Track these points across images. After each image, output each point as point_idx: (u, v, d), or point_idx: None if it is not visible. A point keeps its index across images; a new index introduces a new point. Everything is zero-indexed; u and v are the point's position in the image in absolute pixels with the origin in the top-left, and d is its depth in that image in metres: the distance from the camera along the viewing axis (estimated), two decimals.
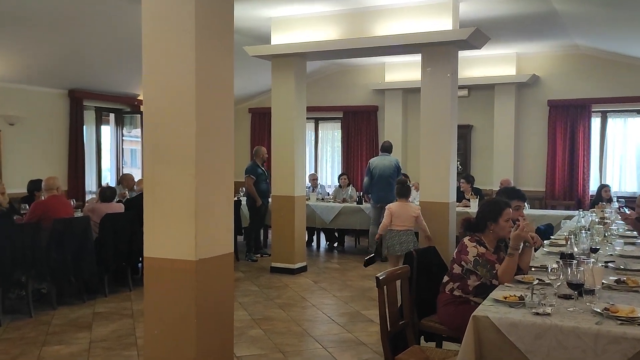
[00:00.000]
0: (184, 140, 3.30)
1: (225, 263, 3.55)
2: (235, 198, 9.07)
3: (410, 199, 8.64)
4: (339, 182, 10.31)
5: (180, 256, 3.32)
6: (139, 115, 10.96)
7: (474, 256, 3.66)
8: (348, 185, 10.13)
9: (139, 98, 10.87)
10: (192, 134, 3.27)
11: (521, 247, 3.68)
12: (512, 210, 4.26)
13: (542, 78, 10.56)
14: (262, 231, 9.65)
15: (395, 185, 8.59)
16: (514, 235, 3.58)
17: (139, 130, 11.30)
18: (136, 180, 8.63)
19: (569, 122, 10.32)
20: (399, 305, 3.71)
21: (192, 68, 3.26)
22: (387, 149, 9.00)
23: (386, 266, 7.95)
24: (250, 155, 9.70)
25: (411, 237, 6.85)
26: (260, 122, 12.84)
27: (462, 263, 3.71)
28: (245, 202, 9.14)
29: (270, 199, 8.80)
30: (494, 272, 3.58)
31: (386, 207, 7.11)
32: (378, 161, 8.91)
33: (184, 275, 3.31)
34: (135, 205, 6.90)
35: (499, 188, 8.08)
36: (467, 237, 3.79)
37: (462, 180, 9.21)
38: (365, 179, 9.03)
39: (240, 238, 9.62)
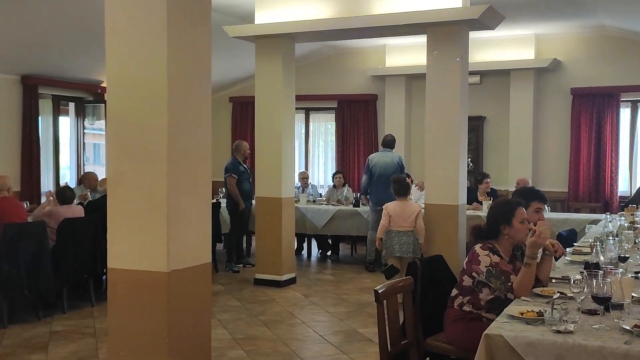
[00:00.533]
0: (154, 133, 3.29)
1: (202, 275, 3.54)
2: (214, 200, 9.05)
3: (414, 198, 8.67)
4: (333, 181, 10.32)
5: (150, 267, 3.30)
6: (103, 104, 10.91)
7: (486, 266, 3.67)
8: (343, 185, 10.14)
9: (102, 85, 10.83)
10: (163, 126, 3.26)
11: (540, 255, 3.69)
12: (532, 213, 4.28)
13: (565, 63, 10.61)
14: (244, 238, 9.63)
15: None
16: (529, 243, 3.59)
17: (102, 122, 11.25)
18: (100, 179, 8.59)
19: (594, 113, 10.37)
20: (401, 322, 3.72)
21: (163, 50, 3.25)
22: (389, 144, 9.01)
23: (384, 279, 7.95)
24: (231, 150, 9.69)
25: (412, 239, 7.05)
26: (243, 112, 12.81)
27: (473, 274, 3.72)
28: (225, 205, 9.13)
29: (253, 201, 8.79)
30: (509, 284, 3.60)
31: (383, 207, 7.21)
32: (378, 158, 8.92)
33: (155, 289, 3.30)
34: (98, 209, 6.87)
35: (515, 188, 8.11)
36: (479, 245, 3.80)
37: (487, 180, 9.23)
38: (364, 178, 9.03)
39: (220, 246, 9.60)
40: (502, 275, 3.63)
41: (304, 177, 10.62)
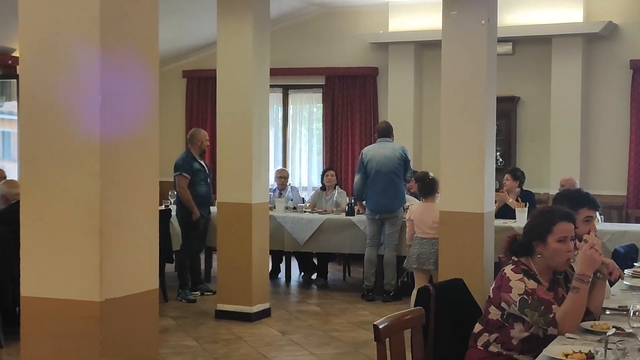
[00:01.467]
0: (82, 120, 3.27)
1: (147, 305, 3.53)
2: (162, 206, 9.03)
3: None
4: (322, 182, 10.31)
5: (77, 295, 3.29)
6: (15, 80, 10.85)
7: (519, 294, 3.68)
8: (335, 186, 10.13)
9: (14, 55, 10.77)
10: (94, 111, 3.25)
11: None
12: (581, 223, 4.30)
13: (622, 27, 10.66)
14: (202, 256, 9.60)
15: (401, 185, 8.76)
16: (580, 257, 3.61)
17: (14, 103, 11.18)
18: (7, 180, 8.53)
19: None
20: None
21: (94, 10, 3.23)
22: (386, 132, 9.03)
23: (390, 308, 7.98)
24: (185, 142, 9.66)
25: (436, 248, 7.45)
26: (201, 91, 12.79)
27: (503, 304, 3.74)
28: (175, 213, 9.09)
29: (213, 208, 8.77)
30: (551, 316, 3.61)
31: (407, 210, 7.56)
32: (375, 151, 8.94)
33: (84, 324, 3.28)
34: (9, 220, 6.83)
35: (558, 191, 8.16)
36: (510, 266, 3.81)
37: (507, 177, 9.27)
38: (357, 178, 9.03)
39: (171, 267, 9.58)
40: (540, 305, 3.64)
41: (282, 177, 10.60)
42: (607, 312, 3.89)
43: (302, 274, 10.44)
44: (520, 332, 3.73)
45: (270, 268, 9.51)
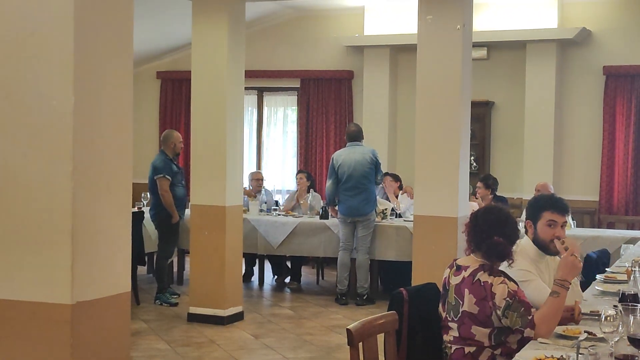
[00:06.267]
0: (55, 119, 3.24)
1: (119, 308, 3.50)
2: (135, 208, 8.98)
3: (403, 208, 8.79)
4: (296, 184, 10.30)
5: (48, 298, 3.26)
6: None
7: (504, 298, 3.66)
8: (309, 189, 10.12)
9: None
10: (67, 110, 3.22)
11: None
12: (544, 227, 4.29)
13: (596, 34, 10.74)
14: (174, 259, 9.56)
15: (373, 188, 8.77)
16: (564, 264, 3.62)
17: None
18: None
19: (634, 99, 10.52)
20: None
21: (68, 11, 3.21)
22: (356, 135, 9.03)
23: (363, 311, 7.99)
24: (159, 142, 9.60)
25: None
26: (175, 92, 12.74)
27: (493, 318, 3.69)
28: (152, 216, 8.99)
29: (187, 210, 8.74)
30: (529, 317, 3.61)
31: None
32: (346, 155, 8.94)
33: (54, 327, 3.25)
34: None
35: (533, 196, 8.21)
36: (484, 274, 3.75)
37: (478, 184, 9.31)
38: (328, 184, 9.03)
39: (143, 270, 9.53)
40: (521, 306, 3.64)
41: (257, 179, 10.58)
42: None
43: (276, 277, 10.42)
44: (515, 337, 3.73)
45: (243, 271, 9.49)
